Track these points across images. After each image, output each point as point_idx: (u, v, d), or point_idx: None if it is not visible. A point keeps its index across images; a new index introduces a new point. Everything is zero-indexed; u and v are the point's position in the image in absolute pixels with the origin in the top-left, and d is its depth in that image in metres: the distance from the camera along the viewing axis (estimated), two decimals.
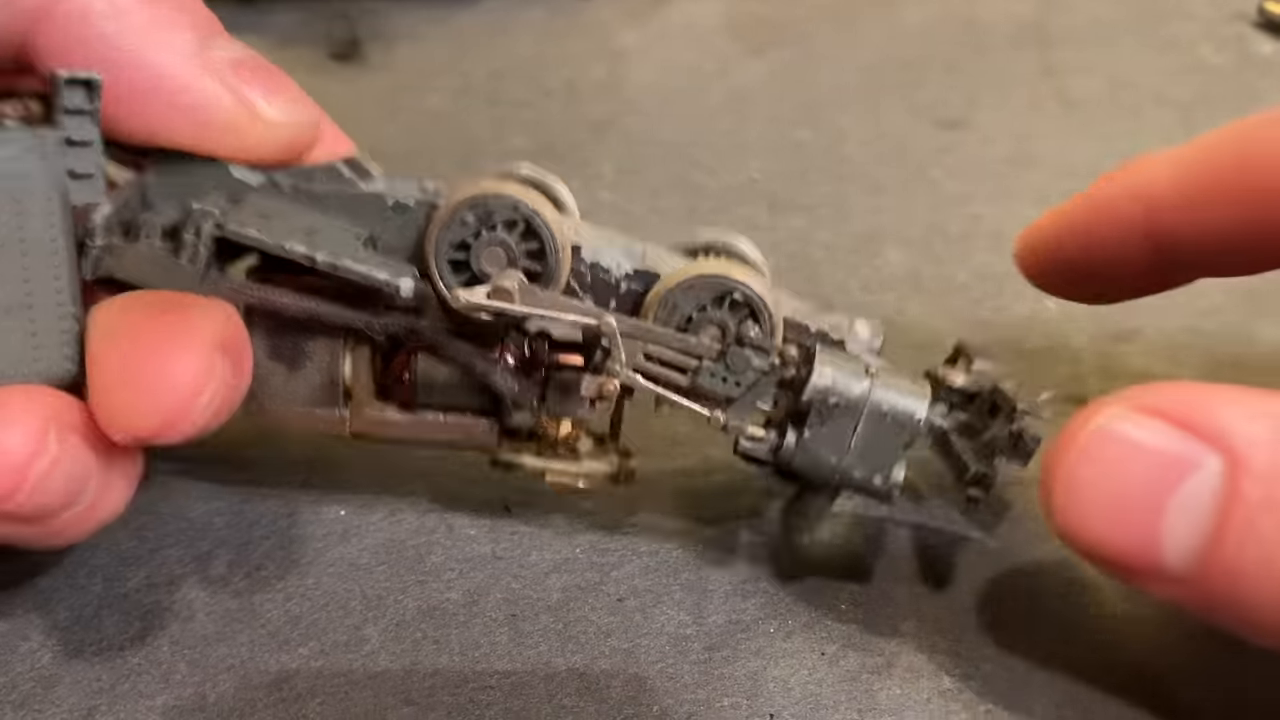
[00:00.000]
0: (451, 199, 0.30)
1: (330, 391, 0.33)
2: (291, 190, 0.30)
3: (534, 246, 0.31)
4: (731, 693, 0.32)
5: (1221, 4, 0.64)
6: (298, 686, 0.32)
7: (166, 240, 0.29)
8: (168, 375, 0.27)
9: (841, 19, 0.63)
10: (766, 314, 0.31)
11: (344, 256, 0.30)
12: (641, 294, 0.31)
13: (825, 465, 0.32)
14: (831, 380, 0.30)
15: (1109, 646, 0.34)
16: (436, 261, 0.31)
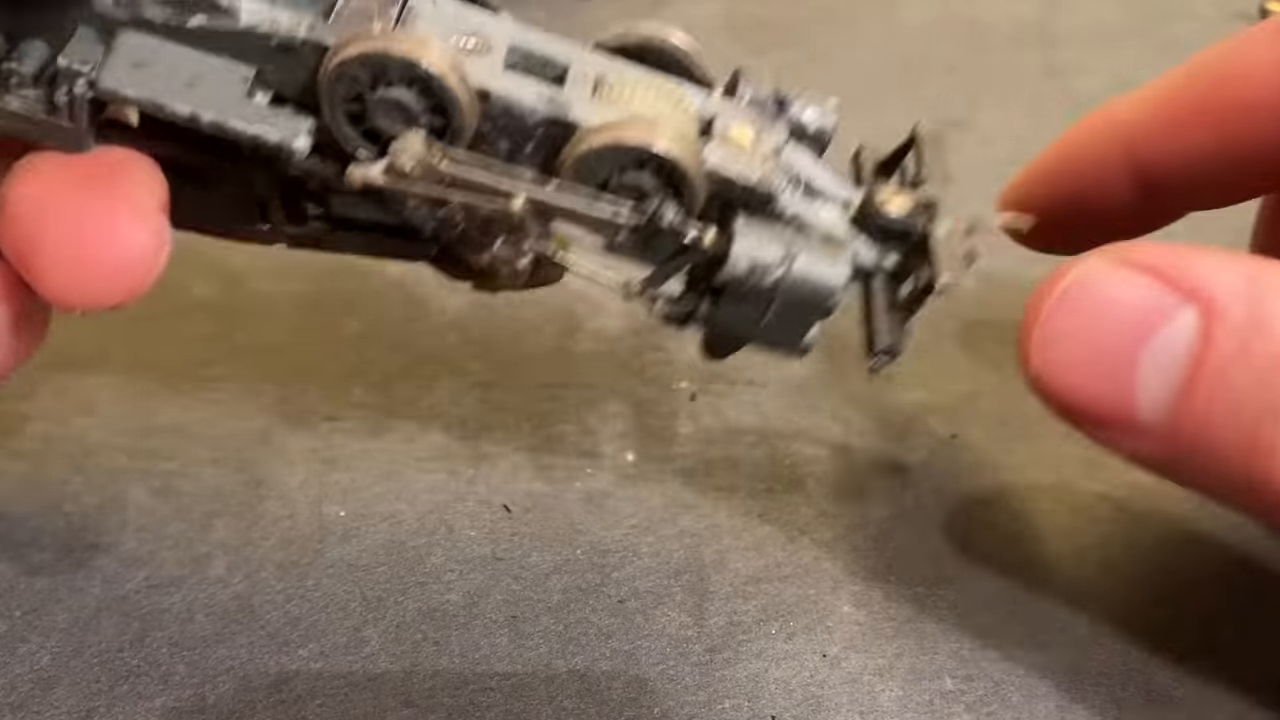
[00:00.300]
0: (340, 53, 0.27)
1: (247, 209, 0.32)
2: (164, 28, 0.27)
3: (436, 103, 0.28)
4: (733, 694, 0.32)
5: (1223, 4, 0.64)
6: (297, 688, 0.32)
7: (38, 87, 0.27)
8: (125, 250, 0.27)
9: (842, 20, 0.63)
10: (688, 183, 0.29)
11: (230, 113, 0.27)
12: (558, 139, 0.29)
13: (740, 334, 0.31)
14: (748, 265, 0.29)
15: (1109, 640, 0.34)
16: (330, 112, 0.28)
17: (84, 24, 0.27)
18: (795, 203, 0.30)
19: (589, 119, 0.29)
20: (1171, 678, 0.33)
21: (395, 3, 0.29)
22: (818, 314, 0.31)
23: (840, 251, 0.30)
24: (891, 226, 0.31)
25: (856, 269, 0.31)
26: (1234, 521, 0.37)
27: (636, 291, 0.31)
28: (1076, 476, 0.39)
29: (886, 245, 0.31)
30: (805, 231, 0.30)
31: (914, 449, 0.39)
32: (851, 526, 0.37)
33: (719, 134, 0.30)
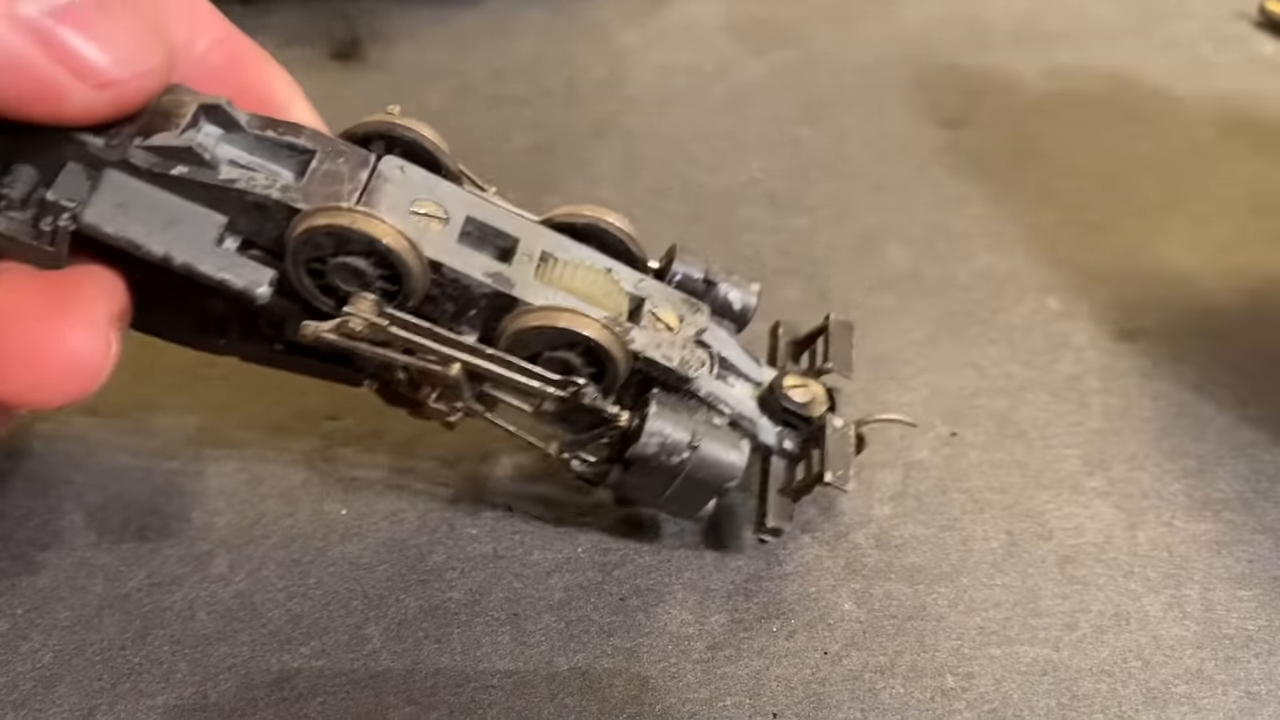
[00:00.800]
0: (308, 220, 0.29)
1: (206, 324, 0.33)
2: (148, 174, 0.29)
3: (390, 272, 0.30)
4: (734, 692, 0.32)
5: (1222, 3, 0.64)
6: (299, 686, 0.32)
7: (25, 210, 0.29)
8: (73, 356, 0.28)
9: (842, 18, 0.63)
10: (612, 365, 0.32)
11: (201, 258, 0.29)
12: (501, 308, 0.31)
13: (642, 500, 0.35)
14: (658, 446, 0.32)
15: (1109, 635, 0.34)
16: (294, 268, 0.30)
17: (73, 160, 0.29)
18: (709, 383, 0.33)
19: (530, 297, 0.31)
20: (1172, 674, 0.33)
21: (366, 167, 0.31)
22: (715, 493, 0.34)
23: (743, 438, 0.33)
24: (793, 413, 0.35)
25: (756, 447, 0.34)
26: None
27: (556, 454, 0.34)
28: (1076, 474, 0.39)
29: (787, 428, 0.35)
30: (715, 410, 0.33)
31: (915, 447, 0.39)
32: (853, 524, 0.37)
33: (647, 315, 0.33)
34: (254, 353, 0.34)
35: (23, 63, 0.26)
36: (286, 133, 0.30)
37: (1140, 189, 0.51)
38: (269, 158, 0.30)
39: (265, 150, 0.30)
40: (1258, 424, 0.40)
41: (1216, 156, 0.54)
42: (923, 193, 0.51)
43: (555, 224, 0.34)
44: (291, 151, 0.30)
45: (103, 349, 0.28)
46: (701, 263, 0.35)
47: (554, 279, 0.32)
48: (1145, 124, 0.55)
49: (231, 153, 0.30)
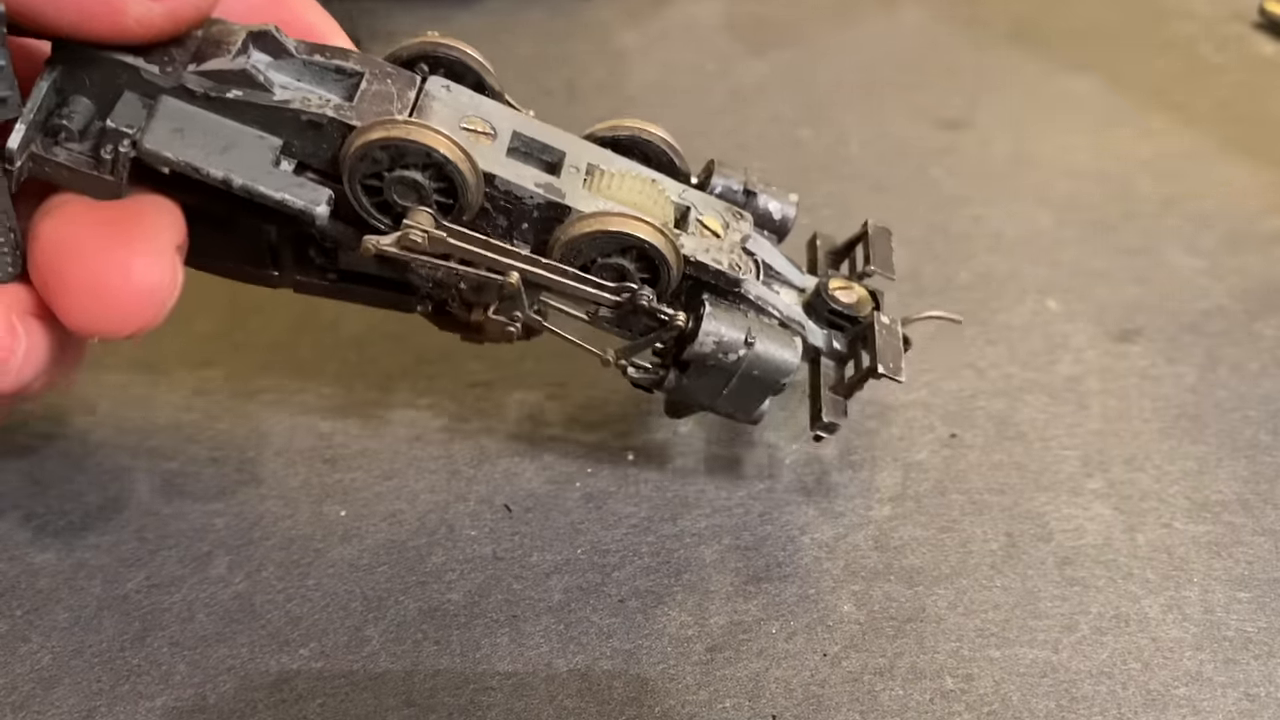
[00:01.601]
0: (364, 135, 0.30)
1: (260, 254, 0.34)
2: (204, 99, 0.29)
3: (446, 184, 0.31)
4: (733, 694, 0.32)
5: (1221, 4, 0.64)
6: (298, 687, 0.32)
7: (83, 141, 0.29)
8: (141, 285, 0.29)
9: (842, 19, 0.63)
10: (665, 268, 0.32)
11: (260, 179, 0.29)
12: (552, 219, 0.32)
13: (700, 402, 0.35)
14: (713, 345, 0.33)
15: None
16: (350, 185, 0.31)
17: (129, 89, 0.29)
18: (757, 287, 0.34)
19: (581, 206, 0.32)
20: (1171, 676, 0.33)
21: (413, 87, 0.32)
22: (771, 390, 0.34)
23: (795, 336, 0.34)
24: (840, 314, 0.35)
25: (806, 349, 0.35)
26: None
27: (613, 360, 0.34)
28: (1075, 476, 0.39)
29: (834, 330, 0.36)
30: (764, 314, 0.34)
31: (915, 449, 0.39)
32: (852, 526, 0.37)
33: (694, 223, 0.34)
34: (307, 283, 0.35)
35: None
36: (334, 57, 0.31)
37: (1140, 189, 0.51)
38: (318, 82, 0.31)
39: (314, 75, 0.31)
40: (1257, 426, 0.40)
41: (1216, 157, 0.54)
42: (922, 193, 0.51)
43: (598, 138, 0.34)
44: (340, 75, 0.31)
45: (169, 276, 0.29)
46: (741, 174, 0.36)
47: (601, 189, 0.32)
48: (1145, 124, 0.55)
49: (282, 78, 0.30)
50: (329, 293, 0.35)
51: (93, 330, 0.29)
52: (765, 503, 0.37)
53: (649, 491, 0.37)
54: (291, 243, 0.34)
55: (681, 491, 0.38)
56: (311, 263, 0.34)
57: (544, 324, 0.33)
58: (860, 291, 0.36)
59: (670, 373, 0.34)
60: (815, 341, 0.35)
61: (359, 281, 0.34)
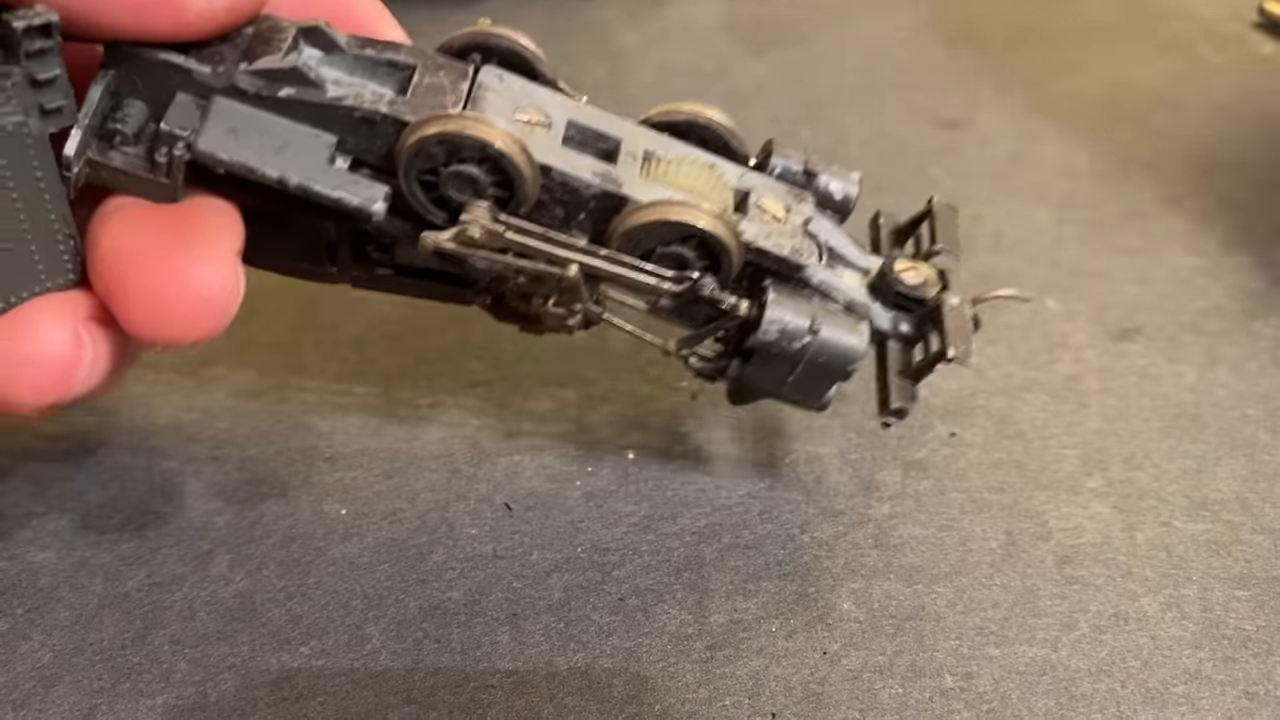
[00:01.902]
0: (419, 131, 0.29)
1: (318, 251, 0.34)
2: (256, 98, 0.29)
3: (503, 178, 0.30)
4: (733, 692, 0.32)
5: (1221, 4, 0.64)
6: (299, 686, 0.32)
7: (138, 144, 0.29)
8: (200, 292, 0.28)
9: (841, 19, 0.63)
10: (726, 256, 0.31)
11: (315, 178, 0.29)
12: (610, 209, 0.31)
13: (765, 390, 0.34)
14: (777, 334, 0.32)
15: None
16: (406, 181, 0.30)
17: (182, 91, 0.29)
18: (821, 271, 0.33)
19: (638, 195, 0.31)
20: (1170, 674, 0.33)
21: (466, 78, 0.31)
22: (839, 377, 0.33)
23: (861, 320, 0.33)
24: (906, 295, 0.34)
25: (873, 332, 0.34)
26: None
27: (675, 351, 0.34)
28: (1075, 474, 0.39)
29: (900, 312, 0.35)
30: (829, 299, 0.33)
31: (914, 447, 0.39)
32: (852, 524, 0.37)
33: (754, 208, 0.33)
34: (364, 278, 0.34)
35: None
36: (385, 50, 0.30)
37: (1139, 188, 0.51)
38: (369, 76, 0.30)
39: (365, 69, 0.30)
40: (1256, 424, 0.40)
41: (1215, 157, 0.54)
42: (922, 193, 0.51)
43: (654, 123, 0.34)
44: (391, 68, 0.30)
45: (231, 282, 0.29)
46: (800, 154, 0.35)
47: (659, 176, 0.32)
48: (1144, 124, 0.55)
49: (333, 74, 0.30)
50: (387, 287, 0.35)
51: (156, 338, 0.29)
52: (765, 501, 0.37)
53: (649, 490, 0.37)
54: (349, 239, 0.33)
55: (681, 490, 0.38)
56: (369, 258, 0.34)
57: (604, 315, 0.33)
58: (927, 271, 0.34)
59: (733, 362, 0.34)
60: (881, 325, 0.34)
61: (417, 276, 0.34)
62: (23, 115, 0.27)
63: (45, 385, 0.29)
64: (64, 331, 0.29)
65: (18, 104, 0.27)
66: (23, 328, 0.29)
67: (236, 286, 0.29)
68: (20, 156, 0.28)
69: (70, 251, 0.30)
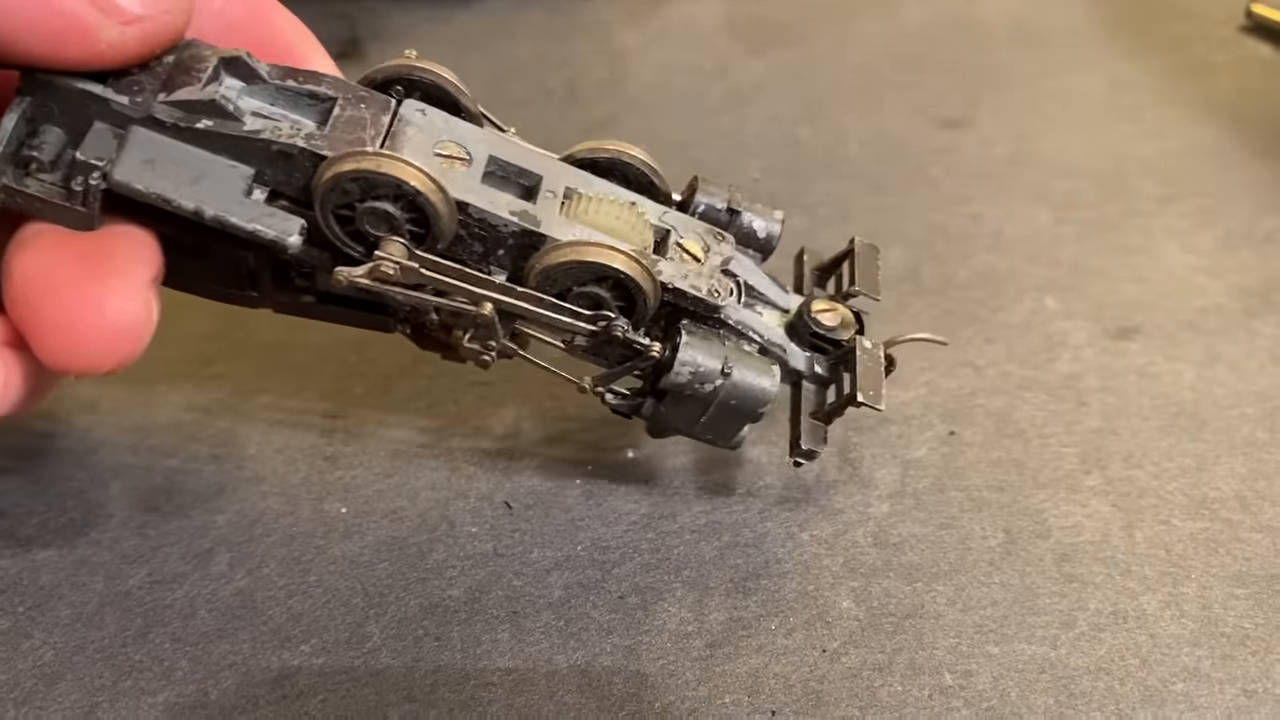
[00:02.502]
0: (334, 167, 0.29)
1: (239, 277, 0.34)
2: (174, 129, 0.29)
3: (418, 215, 0.30)
4: (733, 690, 0.32)
5: (1219, 4, 0.64)
6: (300, 684, 0.32)
7: (54, 171, 0.29)
8: (114, 321, 0.28)
9: (841, 18, 0.63)
10: (641, 297, 0.32)
11: (232, 209, 0.29)
12: (528, 246, 0.31)
13: (678, 429, 0.35)
14: (689, 376, 0.32)
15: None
16: (322, 215, 0.30)
17: (99, 120, 0.29)
18: (737, 311, 0.34)
19: (557, 233, 0.31)
20: (1169, 672, 0.33)
21: (387, 111, 0.31)
22: (749, 418, 0.34)
23: (773, 363, 0.34)
24: (822, 337, 0.35)
25: (787, 372, 0.35)
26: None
27: (591, 388, 0.34)
28: (1074, 473, 0.39)
29: (816, 353, 0.35)
30: (744, 339, 0.34)
31: (913, 446, 0.39)
32: (851, 523, 0.37)
33: (673, 247, 0.33)
34: (286, 304, 0.35)
35: (55, 1, 0.27)
36: (307, 81, 0.30)
37: (1138, 189, 0.51)
38: (291, 108, 0.30)
39: (287, 100, 0.30)
40: (1255, 423, 0.41)
41: (1214, 156, 0.54)
42: (921, 192, 0.51)
43: (577, 160, 0.34)
44: (313, 100, 0.31)
45: (144, 312, 0.29)
46: (724, 192, 0.35)
47: (579, 215, 0.32)
48: (1143, 124, 0.55)
49: (254, 104, 0.30)
50: (308, 313, 0.35)
51: (70, 368, 0.29)
52: (765, 499, 0.37)
53: (649, 488, 0.38)
54: (270, 266, 0.33)
55: (681, 488, 0.38)
56: (291, 285, 0.34)
57: (519, 352, 0.33)
58: (844, 313, 0.35)
59: (648, 400, 0.34)
60: (796, 365, 0.35)
61: (338, 303, 0.34)
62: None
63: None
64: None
65: None
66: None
67: (150, 316, 0.29)
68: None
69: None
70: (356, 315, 0.35)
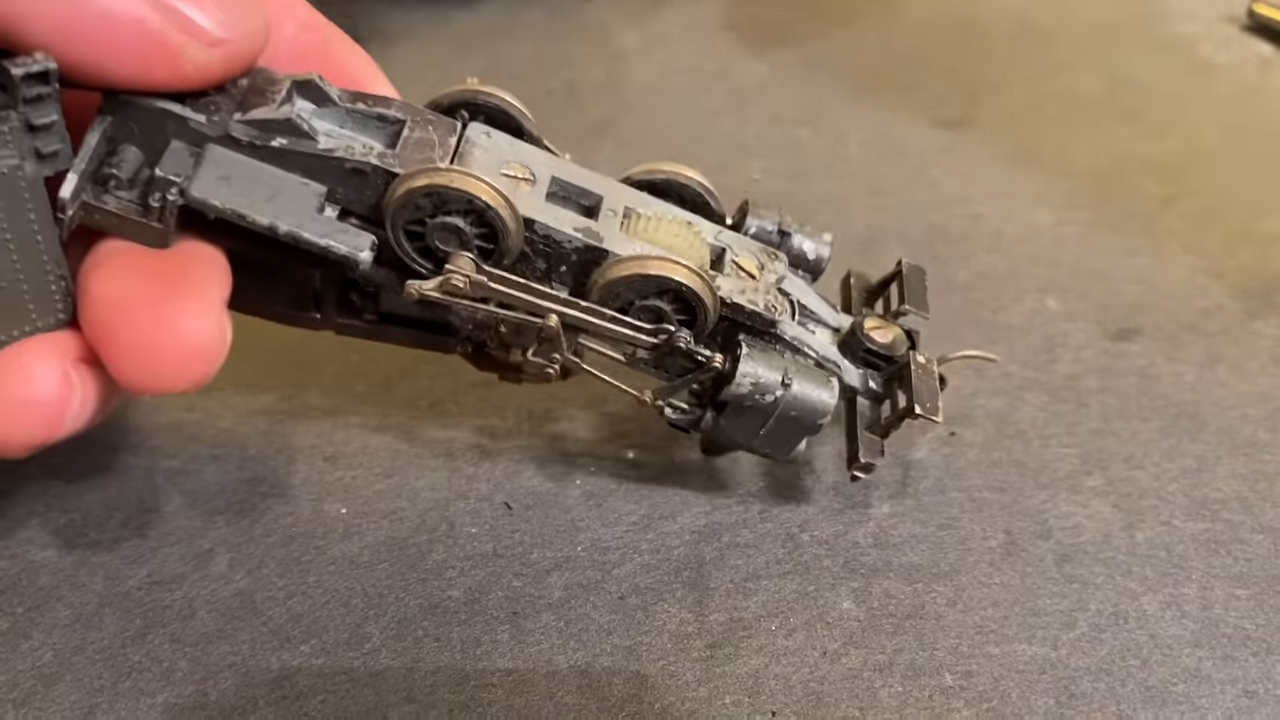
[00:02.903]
0: (407, 182, 0.30)
1: (303, 299, 0.35)
2: (249, 147, 0.30)
3: (487, 230, 0.31)
4: (733, 690, 0.32)
5: (1221, 4, 0.64)
6: (299, 684, 0.32)
7: (132, 189, 0.30)
8: (189, 341, 0.29)
9: (841, 19, 0.63)
10: (701, 310, 0.32)
11: (305, 225, 0.30)
12: (590, 262, 0.32)
13: (737, 442, 0.35)
14: (750, 387, 0.33)
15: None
16: (393, 231, 0.31)
17: (177, 138, 0.30)
18: (793, 328, 0.35)
19: (618, 249, 0.32)
20: (1170, 673, 0.33)
21: (454, 133, 0.32)
22: (809, 430, 0.34)
23: (831, 377, 0.34)
24: (875, 353, 0.36)
25: (842, 388, 0.35)
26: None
27: (651, 401, 0.35)
28: (1075, 473, 0.39)
29: (869, 370, 0.36)
30: (800, 355, 0.34)
31: (914, 447, 0.39)
32: (851, 523, 0.37)
33: (729, 264, 0.34)
34: (349, 326, 0.35)
35: (143, 26, 0.27)
36: (377, 105, 0.31)
37: (1139, 189, 0.51)
38: (360, 129, 0.31)
39: (357, 123, 0.31)
40: (1256, 424, 0.41)
41: (1215, 156, 0.54)
42: (922, 193, 0.51)
43: (634, 181, 0.35)
44: (382, 122, 0.31)
45: (218, 332, 0.30)
46: (775, 215, 0.36)
47: (639, 232, 0.33)
48: (1144, 124, 0.56)
49: (325, 126, 0.31)
50: (370, 335, 0.36)
51: (144, 388, 0.29)
52: (765, 500, 0.37)
53: (649, 489, 0.38)
54: (335, 287, 0.34)
55: (681, 489, 0.38)
56: (353, 306, 0.35)
57: (581, 365, 0.34)
58: (895, 330, 0.36)
59: (707, 413, 0.35)
60: (851, 381, 0.36)
61: (400, 324, 0.35)
62: (18, 159, 0.28)
63: (34, 426, 0.29)
64: (53, 373, 0.29)
65: (14, 148, 0.28)
66: (13, 369, 0.29)
67: (224, 336, 0.30)
68: (14, 198, 0.28)
69: (61, 292, 0.30)
70: (418, 336, 0.36)
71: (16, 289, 0.29)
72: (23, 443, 0.29)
